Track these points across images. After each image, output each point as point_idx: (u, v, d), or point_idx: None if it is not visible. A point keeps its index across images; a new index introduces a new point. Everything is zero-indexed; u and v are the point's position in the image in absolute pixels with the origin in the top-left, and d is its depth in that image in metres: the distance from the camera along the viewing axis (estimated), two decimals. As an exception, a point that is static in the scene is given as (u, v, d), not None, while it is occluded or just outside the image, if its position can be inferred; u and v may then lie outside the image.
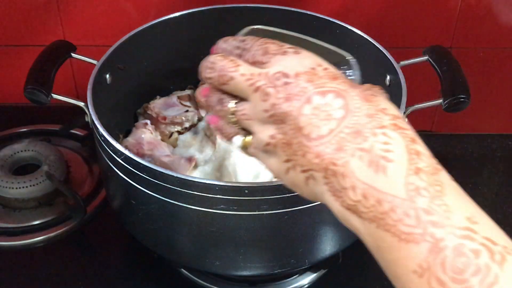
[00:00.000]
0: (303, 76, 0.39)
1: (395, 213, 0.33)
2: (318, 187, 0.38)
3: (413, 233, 0.32)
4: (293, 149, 0.39)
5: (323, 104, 0.37)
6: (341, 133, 0.36)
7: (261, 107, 0.40)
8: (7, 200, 0.81)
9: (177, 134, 0.80)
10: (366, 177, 0.35)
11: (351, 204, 0.35)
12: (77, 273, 0.75)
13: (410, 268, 0.32)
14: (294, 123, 0.38)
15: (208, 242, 0.63)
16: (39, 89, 0.66)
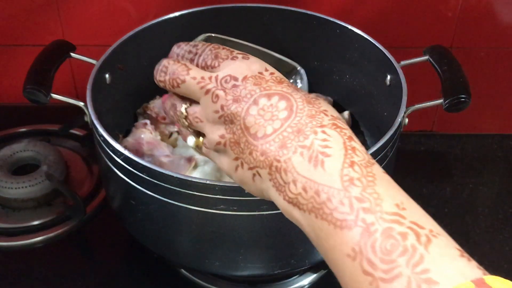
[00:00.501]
0: (251, 80, 0.42)
1: (331, 203, 0.36)
2: (264, 183, 0.41)
3: (346, 219, 0.35)
4: (241, 148, 0.42)
5: (268, 106, 0.41)
6: (285, 132, 0.39)
7: (211, 109, 0.43)
8: (6, 200, 0.81)
9: (177, 134, 0.79)
10: (306, 171, 0.37)
11: (292, 197, 0.38)
12: (76, 273, 0.75)
13: (344, 252, 0.34)
14: (241, 123, 0.41)
15: (208, 242, 0.63)
16: (38, 89, 0.66)
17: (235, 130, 0.42)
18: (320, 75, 0.85)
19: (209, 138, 0.45)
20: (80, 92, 1.00)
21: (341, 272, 0.35)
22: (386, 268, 0.32)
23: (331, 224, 0.35)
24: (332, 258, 0.36)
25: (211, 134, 0.45)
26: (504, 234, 0.83)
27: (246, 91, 0.42)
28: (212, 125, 0.44)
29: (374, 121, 0.79)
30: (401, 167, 0.90)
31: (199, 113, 0.46)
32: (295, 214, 0.38)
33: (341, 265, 0.35)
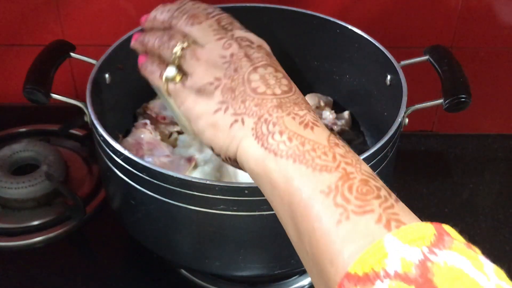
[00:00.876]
0: (263, 50, 0.45)
1: (315, 152, 0.38)
2: (242, 131, 0.42)
3: (327, 165, 0.37)
4: (234, 94, 0.43)
5: (275, 75, 0.43)
6: (283, 99, 0.42)
7: (219, 53, 0.45)
8: (6, 200, 0.81)
9: (176, 134, 0.79)
10: (296, 128, 0.39)
11: (272, 144, 0.39)
12: (76, 274, 0.75)
13: (318, 189, 0.36)
14: (245, 76, 0.43)
15: (208, 243, 0.63)
16: (38, 88, 0.66)
17: (235, 78, 0.43)
18: (320, 75, 0.85)
19: (199, 77, 0.45)
20: (80, 92, 1.00)
21: (308, 208, 0.36)
22: (359, 204, 0.34)
23: (310, 167, 0.37)
24: (301, 196, 0.37)
25: (203, 74, 0.45)
26: (504, 234, 0.83)
27: (258, 54, 0.44)
28: (209, 66, 0.45)
29: (374, 121, 0.79)
30: (401, 167, 0.90)
31: (200, 52, 0.46)
32: (267, 160, 0.39)
33: (309, 202, 0.36)
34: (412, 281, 0.29)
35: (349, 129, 0.82)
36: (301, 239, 0.37)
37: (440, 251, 0.30)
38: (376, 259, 0.31)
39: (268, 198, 0.41)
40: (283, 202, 0.38)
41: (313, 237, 0.35)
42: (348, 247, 0.33)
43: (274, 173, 0.39)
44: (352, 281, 0.31)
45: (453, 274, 0.30)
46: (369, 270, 0.31)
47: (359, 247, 0.32)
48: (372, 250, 0.31)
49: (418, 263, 0.30)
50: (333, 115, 0.81)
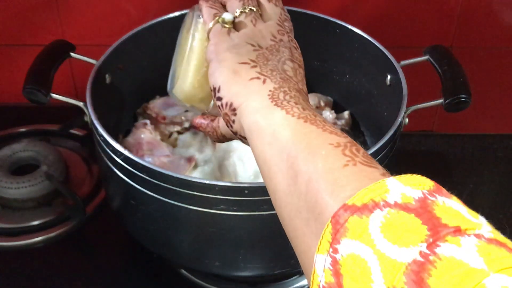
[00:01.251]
0: (301, 58, 0.50)
1: (325, 122, 0.40)
2: (260, 87, 0.43)
3: (337, 132, 0.39)
4: (267, 62, 0.45)
5: (302, 74, 0.47)
6: (302, 93, 0.44)
7: (273, 32, 0.48)
8: (6, 200, 0.81)
9: (176, 134, 0.79)
10: (309, 107, 0.42)
11: (286, 106, 0.41)
12: (76, 273, 0.75)
13: (327, 142, 0.37)
14: (283, 59, 0.46)
15: (208, 243, 0.63)
16: (38, 88, 0.66)
17: (274, 54, 0.47)
18: (320, 75, 0.85)
19: (246, 36, 0.47)
20: (80, 92, 1.00)
21: (313, 152, 0.37)
22: (366, 161, 0.35)
23: (320, 128, 0.39)
24: (304, 146, 0.38)
25: (250, 37, 0.47)
26: (504, 234, 0.83)
27: (299, 57, 0.49)
28: (259, 36, 0.48)
29: (374, 121, 0.79)
30: (401, 167, 0.90)
31: (260, 23, 0.49)
32: (276, 114, 0.41)
33: (316, 149, 0.37)
34: (412, 210, 0.30)
35: (349, 129, 0.82)
36: (296, 181, 0.37)
37: (439, 196, 0.31)
38: (376, 193, 0.31)
39: (261, 149, 0.41)
40: (283, 151, 0.39)
41: (315, 174, 0.35)
42: (353, 184, 0.33)
43: (281, 126, 0.40)
44: (348, 210, 0.31)
45: (451, 211, 0.30)
46: (368, 201, 0.31)
47: (363, 185, 0.32)
48: (373, 187, 0.31)
49: (418, 198, 0.30)
50: (333, 115, 0.81)
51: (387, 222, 0.29)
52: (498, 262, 0.27)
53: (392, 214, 0.30)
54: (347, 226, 0.30)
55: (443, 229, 0.29)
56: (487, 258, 0.27)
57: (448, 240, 0.28)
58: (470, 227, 0.30)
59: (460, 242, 0.28)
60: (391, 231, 0.29)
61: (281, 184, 0.39)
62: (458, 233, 0.29)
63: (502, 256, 0.28)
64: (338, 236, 0.31)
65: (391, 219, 0.30)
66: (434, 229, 0.29)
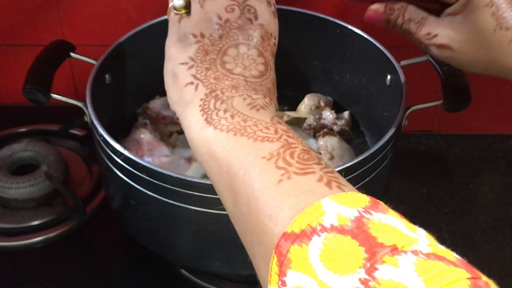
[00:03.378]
0: (262, 31, 0.45)
1: (257, 126, 0.38)
2: (192, 96, 0.42)
3: (269, 136, 0.37)
4: (204, 58, 0.43)
5: (254, 58, 0.43)
6: (248, 83, 0.42)
7: (219, 12, 0.44)
8: (6, 200, 0.81)
9: (177, 134, 0.79)
10: (242, 108, 0.40)
11: (215, 119, 0.40)
12: (76, 273, 0.75)
13: (259, 156, 0.36)
14: (224, 48, 0.43)
15: (208, 243, 0.63)
16: (38, 89, 0.66)
17: (215, 43, 0.43)
18: (320, 75, 0.85)
19: (191, 24, 0.44)
20: (80, 92, 1.00)
21: (248, 172, 0.36)
22: (301, 167, 0.35)
23: (251, 139, 0.37)
24: (239, 166, 0.37)
25: (195, 23, 0.44)
26: (504, 234, 0.83)
27: (253, 33, 0.44)
28: (204, 19, 0.44)
29: (374, 121, 0.79)
30: (401, 167, 0.90)
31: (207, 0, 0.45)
32: (206, 131, 0.40)
33: (250, 167, 0.36)
34: (348, 232, 0.29)
35: (349, 129, 0.82)
36: (237, 203, 0.37)
37: (374, 213, 0.31)
38: (313, 217, 0.30)
39: (204, 167, 0.41)
40: (221, 170, 0.38)
41: (252, 197, 0.35)
42: (288, 201, 0.33)
43: (213, 144, 0.39)
44: (289, 239, 0.30)
45: (387, 228, 0.30)
46: (306, 226, 0.30)
47: (299, 201, 0.32)
48: (309, 210, 0.31)
49: (354, 218, 0.30)
50: (333, 115, 0.81)
51: (326, 249, 0.29)
52: (436, 280, 0.26)
53: (329, 239, 0.29)
54: (289, 257, 0.30)
55: (380, 250, 0.28)
56: (425, 276, 0.27)
57: (386, 261, 0.28)
58: (407, 243, 0.29)
59: (397, 262, 0.27)
60: (330, 258, 0.29)
61: (227, 205, 0.39)
62: (395, 251, 0.28)
63: (441, 271, 0.27)
64: (283, 268, 0.30)
65: (329, 245, 0.29)
66: (371, 250, 0.28)
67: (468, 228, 0.83)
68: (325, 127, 0.80)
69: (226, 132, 0.38)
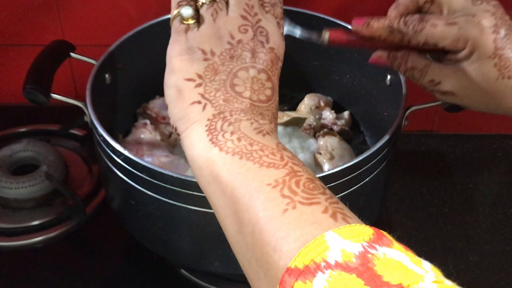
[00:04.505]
0: (272, 55, 0.44)
1: (263, 151, 0.38)
2: (199, 115, 0.41)
3: (275, 163, 0.37)
4: (214, 77, 0.42)
5: (263, 82, 0.42)
6: (255, 106, 0.41)
7: (231, 31, 0.43)
8: (6, 200, 0.81)
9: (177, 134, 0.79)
10: (248, 132, 0.39)
11: (220, 140, 0.39)
12: (76, 274, 0.75)
13: (264, 182, 0.36)
14: (235, 70, 0.42)
15: (207, 243, 0.63)
16: (38, 89, 0.66)
17: (225, 64, 0.42)
18: (320, 75, 0.85)
19: (201, 38, 0.43)
20: (80, 92, 1.00)
21: (253, 199, 0.36)
22: (306, 196, 0.34)
23: (257, 164, 0.37)
24: (244, 191, 0.36)
25: (205, 38, 0.43)
26: (504, 234, 0.83)
27: (264, 57, 0.43)
28: (215, 36, 0.43)
29: (374, 121, 0.79)
30: (401, 167, 0.90)
31: (221, 16, 0.44)
32: (210, 152, 0.39)
33: (255, 194, 0.36)
34: (353, 269, 0.29)
35: (349, 129, 0.82)
36: (242, 231, 0.36)
37: (379, 247, 0.30)
38: (316, 252, 0.30)
39: (205, 190, 0.40)
40: (225, 194, 0.38)
41: (257, 226, 0.35)
42: (293, 233, 0.33)
43: (217, 166, 0.38)
44: (293, 275, 0.30)
45: (393, 264, 0.29)
46: (310, 262, 0.30)
47: (304, 233, 0.32)
48: (313, 245, 0.31)
49: (358, 254, 0.30)
50: (333, 115, 0.81)
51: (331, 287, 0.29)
52: None
53: (334, 277, 0.29)
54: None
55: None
56: None
57: None
58: (413, 281, 0.28)
59: None
60: None
61: (230, 231, 0.38)
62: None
63: None
64: None
65: (333, 283, 0.29)
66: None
67: (468, 228, 0.83)
68: (325, 127, 0.80)
69: (231, 155, 0.38)
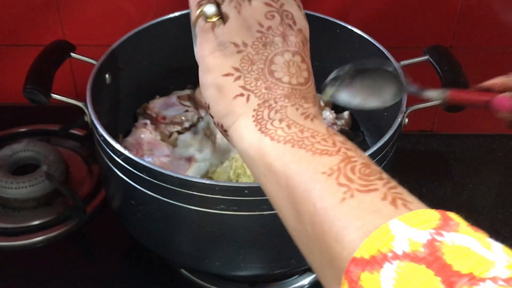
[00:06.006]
0: (301, 36, 0.43)
1: (314, 138, 0.37)
2: (244, 108, 0.40)
3: (327, 149, 0.36)
4: (251, 68, 0.41)
5: (299, 65, 0.41)
6: (296, 90, 0.41)
7: (259, 19, 0.42)
8: (6, 200, 0.81)
9: (176, 134, 0.79)
10: (296, 118, 0.39)
11: (270, 129, 0.39)
12: (76, 273, 0.75)
13: (319, 171, 0.35)
14: (270, 56, 0.41)
15: (208, 243, 0.63)
16: (38, 89, 0.66)
17: (260, 52, 0.41)
18: (320, 75, 0.85)
19: (229, 32, 0.42)
20: (80, 92, 1.00)
21: (308, 189, 0.35)
22: (363, 183, 0.34)
23: (310, 151, 0.36)
24: (301, 177, 0.36)
25: (234, 31, 0.42)
26: (504, 234, 0.83)
27: (295, 39, 0.43)
28: (243, 27, 0.42)
29: (374, 121, 0.79)
30: (401, 167, 0.90)
31: (245, 6, 0.43)
32: (262, 144, 0.38)
33: (310, 183, 0.35)
34: (421, 259, 0.28)
35: (349, 129, 0.82)
36: (301, 221, 0.36)
37: (447, 233, 0.30)
38: (382, 241, 0.30)
39: (260, 181, 0.40)
40: (280, 185, 0.37)
41: (316, 216, 0.34)
42: (354, 223, 0.32)
43: (270, 156, 0.38)
44: (359, 265, 0.30)
45: (462, 251, 0.29)
46: (376, 252, 0.29)
47: (365, 223, 0.32)
48: (378, 234, 0.30)
49: (426, 242, 0.29)
50: (333, 115, 0.81)
51: (400, 279, 0.28)
52: None
53: (403, 267, 0.28)
54: (361, 284, 0.30)
55: (457, 280, 0.27)
56: None
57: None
58: (484, 268, 0.27)
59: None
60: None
61: (289, 221, 0.38)
62: (473, 280, 0.27)
63: None
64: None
65: (402, 274, 0.28)
66: (448, 280, 0.27)
67: (468, 228, 0.83)
68: (325, 127, 0.80)
69: (283, 144, 0.37)
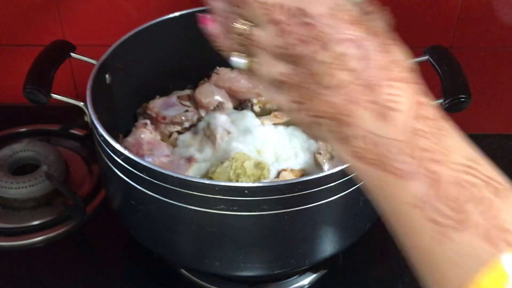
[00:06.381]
0: (322, 19, 0.37)
1: (390, 153, 0.34)
2: (322, 132, 0.38)
3: (407, 169, 0.34)
4: (301, 93, 0.38)
5: (339, 53, 0.36)
6: (352, 85, 0.36)
7: (275, 42, 0.38)
8: (6, 200, 0.81)
9: (176, 134, 0.79)
10: (368, 125, 0.35)
11: (355, 151, 0.36)
12: (76, 273, 0.75)
13: (410, 204, 0.33)
14: (307, 68, 0.37)
15: (208, 243, 0.63)
16: (38, 89, 0.66)
17: (298, 73, 0.38)
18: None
19: (267, 70, 0.39)
20: (80, 92, 1.00)
21: (403, 221, 0.34)
22: (455, 216, 0.32)
23: (391, 174, 0.34)
24: (394, 209, 0.35)
25: (269, 67, 0.39)
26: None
27: (315, 32, 0.37)
28: (271, 57, 0.39)
29: (374, 121, 0.79)
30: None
31: (263, 38, 0.39)
32: (358, 167, 0.37)
33: (403, 217, 0.34)
34: None
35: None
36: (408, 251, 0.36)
37: None
38: (494, 282, 0.28)
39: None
40: (379, 203, 0.37)
41: (416, 255, 0.34)
42: (455, 271, 0.31)
43: (366, 179, 0.37)
44: None
45: None
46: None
47: (467, 269, 0.31)
48: (489, 273, 0.29)
49: None
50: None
51: None
52: None
53: None
54: None
55: None
56: None
57: None
58: None
59: None
60: None
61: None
62: None
63: None
64: None
65: None
66: None
67: (468, 228, 0.83)
68: (325, 127, 0.80)
69: (369, 166, 0.36)
